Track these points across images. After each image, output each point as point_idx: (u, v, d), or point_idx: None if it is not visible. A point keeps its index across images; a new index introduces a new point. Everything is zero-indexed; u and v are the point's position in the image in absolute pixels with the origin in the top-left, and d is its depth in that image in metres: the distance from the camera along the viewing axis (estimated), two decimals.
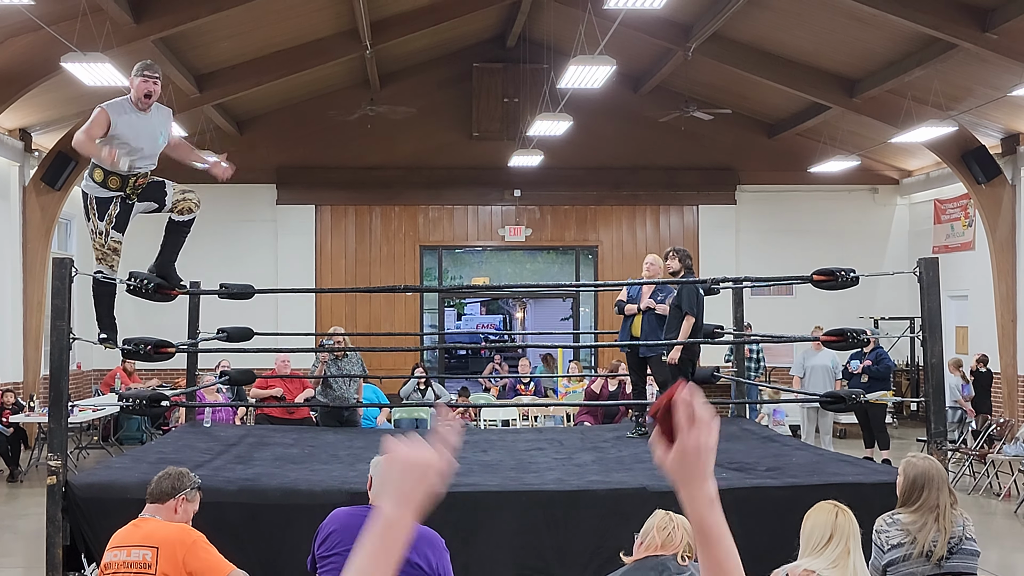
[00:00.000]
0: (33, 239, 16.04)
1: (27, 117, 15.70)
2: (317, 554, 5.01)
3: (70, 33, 11.71)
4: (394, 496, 1.69)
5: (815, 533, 4.31)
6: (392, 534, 1.68)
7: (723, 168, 20.08)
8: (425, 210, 19.99)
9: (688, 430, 1.76)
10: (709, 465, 1.77)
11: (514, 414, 15.07)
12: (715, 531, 1.77)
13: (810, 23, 14.58)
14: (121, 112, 7.16)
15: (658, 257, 10.00)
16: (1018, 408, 15.94)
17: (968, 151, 16.26)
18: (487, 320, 33.31)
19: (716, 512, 1.77)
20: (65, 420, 7.27)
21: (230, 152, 8.90)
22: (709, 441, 1.76)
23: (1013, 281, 16.33)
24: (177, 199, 7.55)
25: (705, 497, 1.77)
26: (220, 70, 16.15)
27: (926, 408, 7.66)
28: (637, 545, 4.26)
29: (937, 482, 5.19)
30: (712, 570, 1.78)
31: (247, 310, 13.01)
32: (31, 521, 10.63)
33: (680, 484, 1.79)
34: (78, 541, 7.03)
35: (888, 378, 14.40)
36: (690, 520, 1.79)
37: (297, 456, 8.90)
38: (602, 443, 9.81)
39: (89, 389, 18.38)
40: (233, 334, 10.21)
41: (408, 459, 1.69)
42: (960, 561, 5.14)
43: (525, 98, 18.37)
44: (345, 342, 12.36)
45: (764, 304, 18.74)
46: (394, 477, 1.69)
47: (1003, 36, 12.68)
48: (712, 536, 1.77)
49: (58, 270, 7.29)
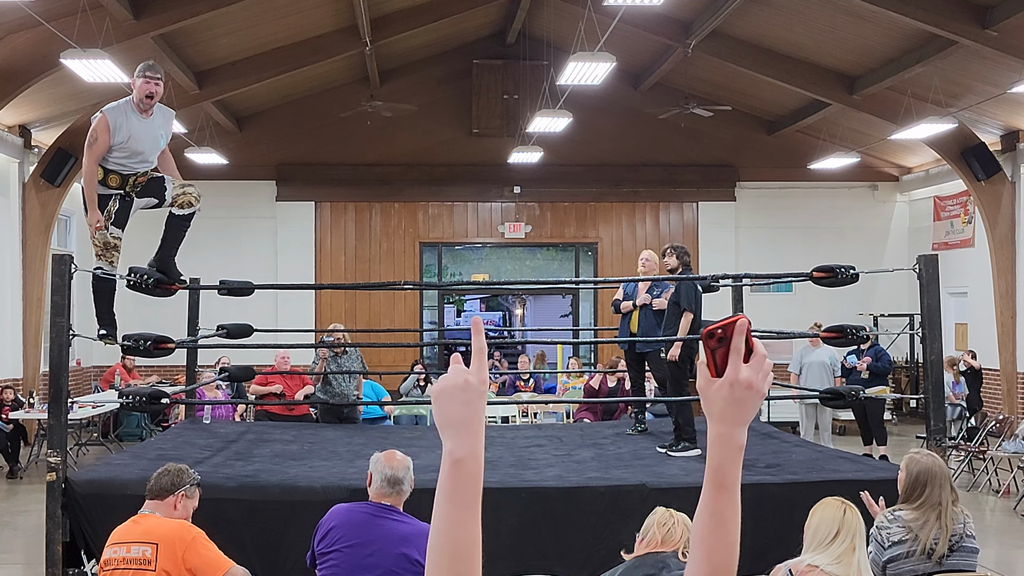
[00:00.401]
0: (33, 235, 16.03)
1: (27, 113, 15.70)
2: (317, 550, 5.01)
3: (70, 29, 11.70)
4: (446, 430, 1.61)
5: (821, 528, 4.30)
6: (461, 470, 1.60)
7: (723, 165, 20.08)
8: (425, 207, 19.99)
9: (743, 364, 1.64)
10: (753, 409, 1.66)
11: (514, 411, 15.05)
12: (730, 479, 1.67)
13: (810, 20, 14.57)
14: (122, 116, 7.18)
15: (654, 253, 9.99)
16: (1017, 405, 15.95)
17: (968, 148, 16.26)
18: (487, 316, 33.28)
19: (737, 461, 1.66)
20: (65, 416, 7.28)
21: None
22: (763, 385, 1.65)
23: (1013, 278, 16.33)
24: (177, 193, 7.55)
25: (735, 442, 1.65)
26: (220, 66, 16.14)
27: (925, 405, 7.67)
28: (638, 542, 4.27)
29: (939, 479, 5.20)
30: (714, 521, 1.69)
31: (247, 306, 13.00)
32: (31, 517, 10.63)
33: (715, 419, 1.67)
34: (78, 537, 7.04)
35: (886, 374, 14.41)
36: (709, 461, 1.68)
37: (297, 452, 8.91)
38: (602, 440, 9.82)
39: (89, 385, 18.38)
40: (233, 330, 10.21)
41: (442, 390, 1.62)
42: (960, 559, 5.14)
43: (525, 95, 18.36)
44: (345, 338, 12.37)
45: (763, 301, 18.75)
46: (438, 412, 1.62)
47: (1003, 33, 12.67)
48: (725, 483, 1.67)
49: (58, 266, 7.29)
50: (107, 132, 7.10)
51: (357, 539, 4.90)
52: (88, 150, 7.14)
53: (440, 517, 1.60)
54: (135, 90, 7.26)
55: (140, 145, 7.27)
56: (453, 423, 1.61)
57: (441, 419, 1.62)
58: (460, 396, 1.61)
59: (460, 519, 1.60)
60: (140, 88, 7.22)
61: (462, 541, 1.60)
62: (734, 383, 1.64)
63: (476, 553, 1.61)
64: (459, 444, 1.60)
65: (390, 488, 5.00)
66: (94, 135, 7.10)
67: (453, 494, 1.60)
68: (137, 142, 7.24)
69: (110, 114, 7.14)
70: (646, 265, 9.78)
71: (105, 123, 7.10)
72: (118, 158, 7.25)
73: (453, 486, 1.60)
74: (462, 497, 1.60)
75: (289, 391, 12.87)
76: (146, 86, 7.21)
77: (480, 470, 1.62)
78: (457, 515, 1.60)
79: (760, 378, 1.64)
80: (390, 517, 4.95)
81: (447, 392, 1.62)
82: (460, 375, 1.62)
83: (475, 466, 1.61)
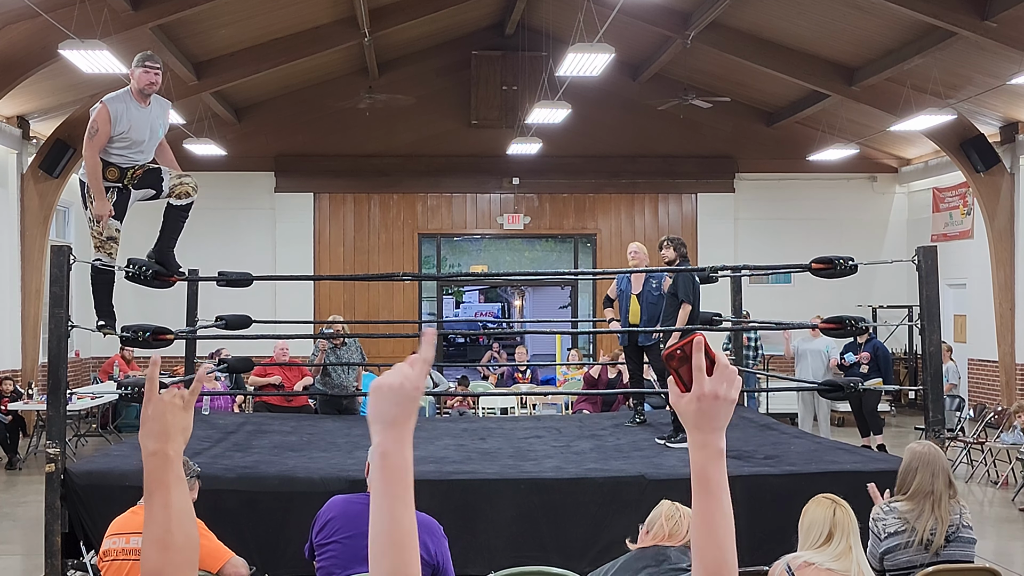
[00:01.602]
0: (31, 227, 16.02)
1: (25, 104, 15.67)
2: (315, 541, 5.02)
3: (68, 20, 11.68)
4: (375, 425, 1.69)
5: (813, 529, 4.30)
6: (388, 463, 1.68)
7: (722, 156, 20.07)
8: (424, 198, 19.98)
9: (707, 378, 1.75)
10: (725, 416, 1.76)
11: (513, 402, 15.07)
12: (714, 483, 1.75)
13: (809, 11, 14.55)
14: (122, 106, 7.18)
15: (642, 245, 9.99)
16: (1016, 396, 15.96)
17: (967, 139, 16.25)
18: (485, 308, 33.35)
19: (719, 465, 1.75)
20: (63, 408, 7.28)
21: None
22: (730, 393, 1.75)
23: (1011, 269, 16.34)
24: (174, 184, 7.56)
25: (714, 447, 1.75)
26: (218, 57, 16.12)
27: (924, 396, 7.67)
28: (643, 534, 4.27)
29: (932, 466, 5.19)
30: (703, 524, 1.76)
31: (245, 298, 13.02)
32: (30, 509, 10.65)
33: (691, 428, 1.77)
34: (77, 529, 7.05)
35: (888, 368, 14.38)
36: (692, 467, 1.77)
37: (296, 444, 8.92)
38: (600, 431, 9.83)
39: (87, 377, 18.40)
40: (232, 322, 10.22)
41: (378, 387, 1.69)
42: (957, 549, 5.15)
43: (524, 86, 18.34)
44: (344, 330, 12.37)
45: (762, 292, 18.77)
46: (371, 407, 1.69)
47: (1002, 24, 12.65)
48: (710, 487, 1.75)
49: (56, 258, 7.30)
50: (108, 122, 7.10)
51: (355, 530, 4.91)
52: (89, 141, 7.13)
53: (375, 510, 1.70)
54: (134, 80, 7.25)
55: (139, 135, 7.27)
56: (382, 419, 1.68)
57: (372, 414, 1.69)
58: (393, 396, 1.68)
59: (392, 510, 1.69)
60: (140, 78, 7.22)
61: (397, 532, 1.69)
62: (701, 397, 1.75)
63: (412, 543, 1.70)
64: (385, 438, 1.68)
65: None
66: (95, 125, 7.09)
67: (383, 487, 1.69)
68: (137, 132, 7.24)
69: (111, 104, 7.13)
70: (636, 257, 9.77)
71: (106, 113, 7.09)
72: (118, 149, 7.25)
73: (382, 478, 1.69)
74: (392, 488, 1.69)
75: (288, 382, 12.88)
76: (145, 76, 7.20)
77: (407, 464, 1.70)
78: (389, 506, 1.69)
79: (725, 388, 1.75)
80: None
81: (382, 390, 1.68)
82: (398, 377, 1.68)
83: (401, 459, 1.69)
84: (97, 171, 7.17)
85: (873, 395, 14.06)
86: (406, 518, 1.71)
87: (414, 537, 1.71)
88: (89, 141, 7.13)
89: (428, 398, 14.45)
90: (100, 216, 7.27)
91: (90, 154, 7.15)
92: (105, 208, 7.24)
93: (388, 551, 1.71)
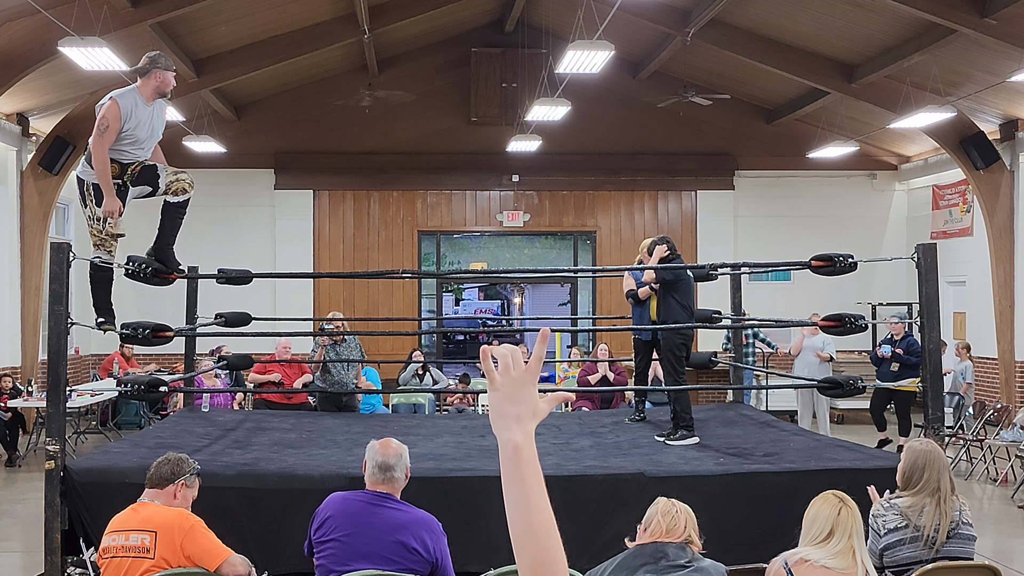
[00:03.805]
0: (31, 224, 16.02)
1: (24, 101, 15.67)
2: (314, 539, 5.02)
3: (67, 17, 11.68)
4: (502, 422, 1.79)
5: (815, 525, 4.30)
6: (521, 456, 1.77)
7: (721, 153, 20.06)
8: (423, 195, 19.97)
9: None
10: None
11: None
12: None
13: (809, 8, 14.54)
14: (131, 103, 7.18)
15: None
16: (1015, 394, 15.97)
17: (966, 137, 16.25)
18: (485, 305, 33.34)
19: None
20: (63, 405, 7.28)
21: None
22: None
23: (1011, 267, 16.33)
24: (170, 180, 7.57)
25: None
26: (218, 54, 16.11)
27: (923, 393, 7.67)
28: (641, 531, 4.28)
29: (938, 465, 5.20)
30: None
31: (245, 295, 13.01)
32: (29, 506, 10.65)
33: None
34: (76, 525, 7.05)
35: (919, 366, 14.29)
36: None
37: (295, 441, 8.92)
38: (600, 428, 9.84)
39: (87, 374, 18.40)
40: (231, 319, 10.23)
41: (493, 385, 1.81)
42: (957, 546, 5.15)
43: (523, 83, 18.33)
44: (344, 327, 12.36)
45: (762, 290, 18.77)
46: (494, 409, 1.81)
47: (1002, 21, 12.64)
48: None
49: (56, 255, 7.29)
50: (118, 119, 7.09)
51: (353, 528, 4.91)
52: (99, 137, 7.08)
53: (513, 503, 1.78)
54: (154, 80, 7.24)
55: (143, 133, 7.28)
56: (506, 417, 1.81)
57: (497, 414, 1.82)
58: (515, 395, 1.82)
59: (531, 499, 1.79)
60: (163, 80, 7.26)
61: (538, 521, 1.78)
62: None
63: (554, 530, 1.79)
64: (515, 434, 1.80)
65: (382, 475, 5.02)
66: (105, 122, 7.07)
67: (520, 478, 1.78)
68: (142, 130, 7.26)
69: (121, 100, 7.12)
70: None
71: (116, 109, 7.08)
72: (124, 146, 7.25)
73: (518, 470, 1.78)
74: (528, 479, 1.79)
75: (288, 380, 12.88)
76: (167, 78, 7.26)
77: (536, 456, 1.81)
78: (527, 496, 1.78)
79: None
80: (386, 505, 4.96)
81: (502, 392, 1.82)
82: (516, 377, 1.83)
83: (531, 452, 1.80)
84: (107, 167, 7.15)
85: (908, 397, 14.00)
86: (545, 506, 1.78)
87: (554, 524, 1.78)
88: (99, 137, 7.08)
89: (428, 395, 14.45)
90: (110, 212, 7.24)
91: (100, 150, 7.09)
92: (115, 204, 7.22)
93: (532, 540, 1.78)
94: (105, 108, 7.11)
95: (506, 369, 1.81)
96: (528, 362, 1.83)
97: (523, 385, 1.81)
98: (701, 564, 4.09)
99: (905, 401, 14.05)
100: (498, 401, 1.81)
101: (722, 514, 6.63)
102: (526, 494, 1.75)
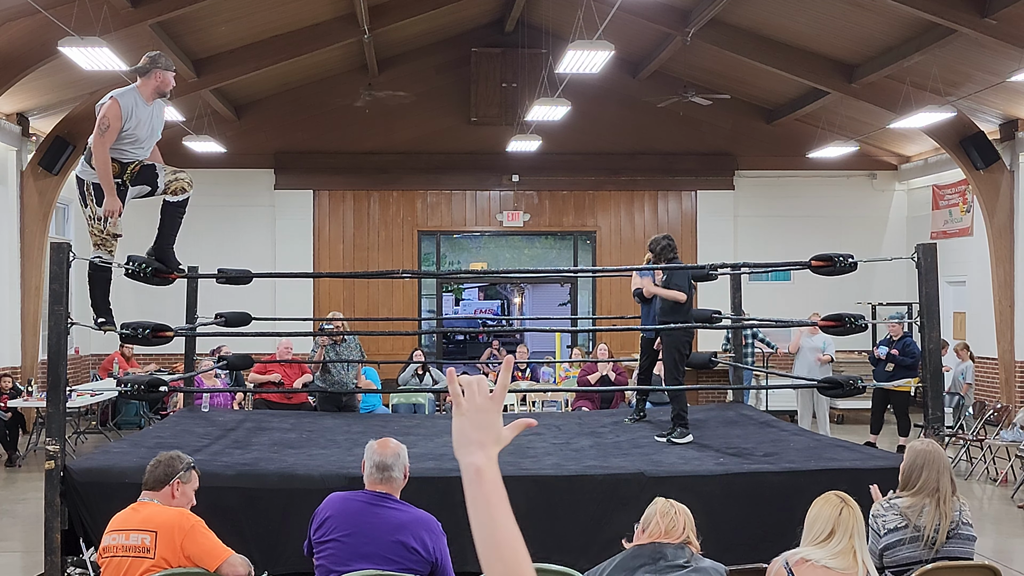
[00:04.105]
0: (31, 224, 16.02)
1: (24, 101, 15.67)
2: (313, 539, 5.02)
3: (67, 17, 11.68)
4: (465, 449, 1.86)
5: (816, 525, 4.30)
6: (483, 478, 1.84)
7: (721, 153, 20.06)
8: (423, 195, 19.97)
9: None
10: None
11: (512, 399, 15.07)
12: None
13: (809, 8, 14.54)
14: (131, 102, 7.19)
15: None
16: (1015, 394, 15.97)
17: (966, 137, 16.25)
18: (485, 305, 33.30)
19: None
20: (63, 405, 7.28)
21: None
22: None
23: (1011, 267, 16.33)
24: (169, 180, 7.57)
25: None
26: (218, 54, 16.10)
27: (923, 393, 7.67)
28: (639, 532, 4.27)
29: (938, 465, 5.20)
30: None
31: (245, 295, 13.02)
32: (29, 506, 10.65)
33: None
34: (76, 525, 7.05)
35: (915, 366, 14.30)
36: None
37: (295, 441, 8.92)
38: (600, 428, 9.83)
39: (87, 374, 18.40)
40: (231, 319, 10.22)
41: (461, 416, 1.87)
42: (956, 546, 5.15)
43: (523, 83, 18.33)
44: (344, 327, 12.36)
45: (762, 290, 18.78)
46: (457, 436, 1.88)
47: (1002, 21, 12.64)
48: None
49: (56, 255, 7.29)
50: (119, 118, 7.09)
51: (353, 528, 4.91)
52: (100, 136, 7.08)
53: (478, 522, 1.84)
54: (155, 80, 7.26)
55: (144, 132, 7.29)
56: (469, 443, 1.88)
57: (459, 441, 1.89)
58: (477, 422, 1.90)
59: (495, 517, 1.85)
60: (165, 80, 7.28)
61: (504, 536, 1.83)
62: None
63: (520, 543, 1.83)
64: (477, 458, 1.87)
65: (380, 475, 5.02)
66: (106, 121, 7.07)
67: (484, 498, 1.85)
68: (142, 129, 7.27)
69: (122, 99, 7.13)
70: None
71: (117, 108, 7.09)
72: (124, 145, 7.25)
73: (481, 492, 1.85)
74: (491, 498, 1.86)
75: (288, 380, 12.88)
76: (169, 78, 7.27)
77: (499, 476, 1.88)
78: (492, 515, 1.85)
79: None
80: (385, 505, 4.96)
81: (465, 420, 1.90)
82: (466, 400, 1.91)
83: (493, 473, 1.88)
84: (108, 166, 7.15)
85: (904, 397, 14.06)
86: (508, 522, 1.84)
87: (520, 538, 1.82)
88: (100, 137, 7.08)
89: (428, 395, 14.45)
90: (111, 212, 7.24)
91: (101, 150, 7.10)
92: (116, 204, 7.23)
93: (500, 555, 1.81)
94: (106, 107, 7.11)
95: (472, 396, 1.90)
96: (493, 391, 1.91)
97: (487, 412, 1.89)
98: (700, 564, 4.10)
99: (902, 401, 14.12)
100: (462, 426, 1.89)
101: (722, 514, 6.64)
102: (491, 513, 1.82)
